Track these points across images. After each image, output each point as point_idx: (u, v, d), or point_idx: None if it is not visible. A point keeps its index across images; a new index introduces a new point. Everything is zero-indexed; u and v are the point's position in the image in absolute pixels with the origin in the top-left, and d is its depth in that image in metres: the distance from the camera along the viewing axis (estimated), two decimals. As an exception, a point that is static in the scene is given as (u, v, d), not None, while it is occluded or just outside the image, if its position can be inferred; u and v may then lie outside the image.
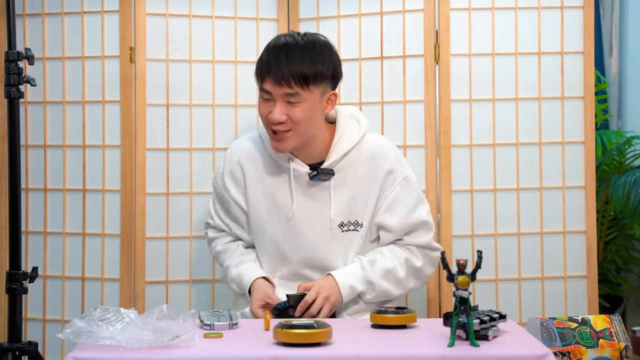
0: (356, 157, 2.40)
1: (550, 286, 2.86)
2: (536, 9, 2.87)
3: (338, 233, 2.39)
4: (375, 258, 2.39)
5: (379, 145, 2.43)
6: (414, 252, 2.42)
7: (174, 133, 2.88)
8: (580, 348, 2.26)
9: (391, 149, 2.44)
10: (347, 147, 2.38)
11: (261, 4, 2.94)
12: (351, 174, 2.39)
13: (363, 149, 2.41)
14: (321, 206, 2.39)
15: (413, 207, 2.41)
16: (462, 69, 2.85)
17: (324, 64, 2.30)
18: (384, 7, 2.89)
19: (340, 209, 2.39)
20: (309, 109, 2.29)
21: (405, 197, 2.40)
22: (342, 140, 2.39)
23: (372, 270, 2.36)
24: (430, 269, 2.47)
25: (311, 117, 2.31)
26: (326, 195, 2.39)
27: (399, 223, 2.39)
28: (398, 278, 2.38)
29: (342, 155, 2.38)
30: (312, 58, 2.28)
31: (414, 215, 2.41)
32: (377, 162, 2.39)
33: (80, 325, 1.79)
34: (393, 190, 2.40)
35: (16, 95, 2.15)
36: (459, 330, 1.83)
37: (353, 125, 2.43)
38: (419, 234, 2.42)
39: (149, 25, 2.85)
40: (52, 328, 2.87)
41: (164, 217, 2.87)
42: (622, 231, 3.84)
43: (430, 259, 2.45)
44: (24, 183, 2.83)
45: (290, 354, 1.77)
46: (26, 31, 2.90)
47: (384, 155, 2.41)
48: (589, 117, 2.87)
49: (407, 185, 2.41)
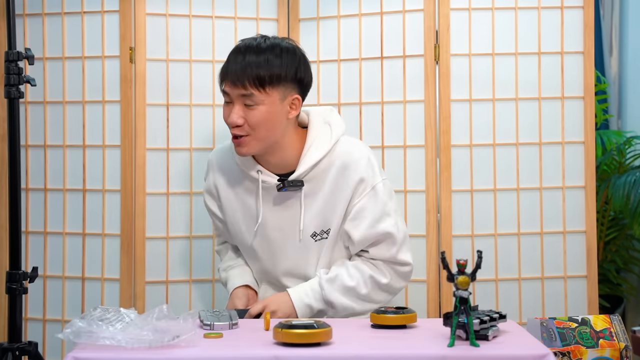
0: (328, 166, 2.34)
1: (550, 286, 2.86)
2: (536, 9, 2.87)
3: (311, 243, 2.37)
4: (337, 274, 2.34)
5: (351, 153, 2.35)
6: (380, 267, 2.36)
7: (174, 133, 2.88)
8: (580, 348, 2.26)
9: (363, 157, 2.35)
10: (317, 157, 2.32)
11: (261, 4, 2.94)
12: (322, 183, 2.34)
13: (334, 157, 2.34)
14: (293, 216, 2.36)
15: (378, 219, 2.33)
16: (462, 69, 2.85)
17: (283, 66, 2.25)
18: (384, 7, 2.89)
19: (312, 219, 2.35)
20: (266, 111, 2.25)
21: (371, 207, 2.33)
22: (312, 149, 2.33)
23: (331, 289, 2.33)
24: (400, 283, 2.39)
25: (270, 120, 2.26)
26: (298, 205, 2.35)
27: (362, 234, 2.33)
28: (360, 295, 2.34)
29: (312, 166, 2.32)
30: (269, 60, 2.25)
31: (379, 227, 2.33)
32: (348, 171, 2.33)
33: (80, 325, 1.79)
34: (360, 200, 2.33)
35: (16, 95, 2.15)
36: (459, 330, 1.83)
37: (325, 131, 2.36)
38: (382, 247, 2.35)
39: (149, 25, 2.85)
40: (52, 328, 2.87)
41: (164, 217, 2.87)
42: (622, 231, 3.84)
43: (399, 273, 2.38)
44: (24, 183, 2.83)
45: (290, 354, 1.77)
46: (26, 31, 2.90)
47: (354, 164, 2.33)
48: (589, 117, 2.87)
49: (374, 196, 2.33)
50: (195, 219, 2.88)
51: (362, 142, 2.49)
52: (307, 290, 2.35)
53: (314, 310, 2.34)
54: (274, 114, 2.26)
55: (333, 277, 2.34)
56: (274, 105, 2.26)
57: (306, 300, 2.33)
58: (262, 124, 2.26)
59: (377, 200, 2.33)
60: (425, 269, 2.81)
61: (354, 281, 2.33)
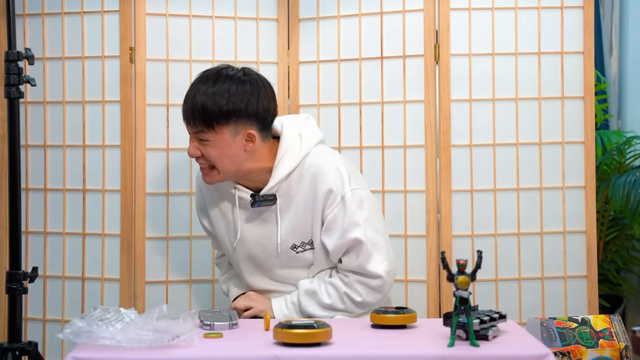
0: (299, 178, 2.34)
1: (550, 286, 2.86)
2: (536, 9, 2.87)
3: (293, 255, 2.38)
4: (315, 290, 2.37)
5: (319, 165, 2.33)
6: (353, 285, 2.35)
7: (174, 133, 2.88)
8: (580, 348, 2.26)
9: (330, 167, 2.33)
10: (286, 171, 2.32)
11: (261, 4, 2.94)
12: (296, 195, 2.34)
13: (305, 169, 2.34)
14: (270, 231, 2.38)
15: (347, 229, 2.31)
16: (462, 69, 2.85)
17: (231, 102, 2.22)
18: (384, 7, 2.89)
19: (290, 232, 2.36)
20: (220, 147, 2.25)
21: (340, 218, 2.32)
22: (282, 163, 2.32)
23: (308, 303, 2.36)
24: (372, 298, 2.36)
25: (224, 155, 2.26)
26: (274, 219, 2.37)
27: (334, 244, 2.33)
28: (337, 309, 2.36)
29: (281, 180, 2.32)
30: (215, 95, 2.22)
31: (348, 236, 2.31)
32: (317, 182, 2.32)
33: (80, 325, 1.79)
34: (332, 211, 2.32)
35: (16, 95, 2.15)
36: (459, 330, 1.83)
37: (295, 144, 2.35)
38: (352, 256, 2.34)
39: (149, 25, 2.85)
40: (52, 328, 2.87)
41: (164, 217, 2.87)
42: (622, 231, 3.84)
43: (370, 288, 2.35)
44: (24, 183, 2.83)
45: (290, 354, 1.77)
46: (26, 31, 2.90)
47: (323, 175, 2.32)
48: (589, 117, 2.87)
49: (343, 207, 2.31)
50: (195, 219, 2.87)
51: (334, 153, 2.44)
52: (287, 303, 2.40)
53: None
54: (227, 150, 2.26)
55: (311, 292, 2.37)
56: (226, 142, 2.25)
57: (286, 312, 2.40)
58: (217, 158, 2.27)
59: (345, 210, 2.31)
60: (425, 269, 2.81)
61: (331, 299, 2.36)
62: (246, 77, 2.28)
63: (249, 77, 2.29)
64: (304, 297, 2.37)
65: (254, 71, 2.33)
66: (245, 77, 2.28)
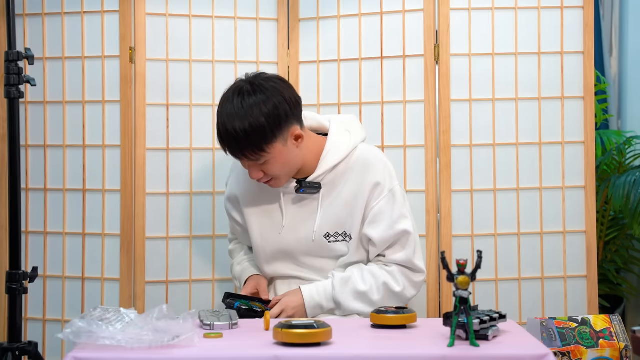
0: (345, 169, 2.39)
1: (550, 286, 2.86)
2: (536, 9, 2.87)
3: (324, 244, 2.39)
4: (351, 276, 2.37)
5: (368, 158, 2.40)
6: (395, 274, 2.37)
7: (174, 133, 2.88)
8: (580, 348, 2.26)
9: (379, 162, 2.41)
10: (335, 161, 2.38)
11: (261, 4, 2.94)
12: (340, 186, 2.39)
13: (353, 161, 2.40)
14: (310, 218, 2.40)
15: (396, 220, 2.36)
16: (462, 69, 2.85)
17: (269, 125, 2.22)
18: (384, 7, 2.89)
19: (328, 221, 2.38)
20: (278, 160, 2.29)
21: (389, 210, 2.37)
22: (330, 154, 2.38)
23: (342, 290, 2.35)
24: (411, 291, 2.40)
25: (286, 164, 2.31)
26: (315, 207, 2.39)
27: (381, 235, 2.36)
28: (371, 300, 2.35)
29: (329, 169, 2.38)
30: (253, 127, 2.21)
31: (397, 227, 2.36)
32: (365, 174, 2.38)
33: (80, 325, 1.79)
34: (378, 203, 2.37)
35: (16, 95, 2.15)
36: (459, 330, 1.83)
37: (343, 138, 2.42)
38: (398, 248, 2.38)
39: (149, 25, 2.85)
40: (52, 328, 2.87)
41: (164, 217, 2.87)
42: (622, 231, 3.84)
43: (412, 282, 2.39)
44: (24, 183, 2.83)
45: (290, 354, 1.77)
46: (26, 31, 2.90)
47: (372, 168, 2.39)
48: (589, 117, 2.87)
49: (392, 198, 2.38)
50: (195, 219, 2.88)
51: (379, 150, 2.53)
52: (319, 289, 2.38)
53: (324, 309, 2.37)
54: (286, 158, 2.30)
55: (346, 279, 2.37)
56: (282, 152, 2.29)
57: (317, 299, 2.36)
58: (280, 169, 2.31)
59: (395, 203, 2.38)
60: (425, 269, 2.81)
61: (366, 286, 2.36)
62: (264, 88, 2.26)
63: (265, 87, 2.27)
64: (338, 284, 2.35)
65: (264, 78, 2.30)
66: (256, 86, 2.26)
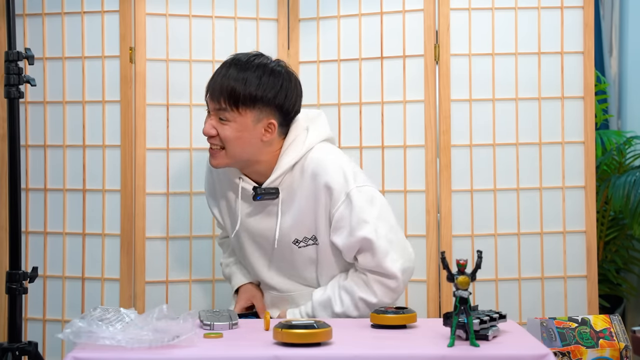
0: (300, 172, 2.30)
1: (550, 286, 2.86)
2: (536, 9, 2.87)
3: (295, 249, 2.34)
4: (329, 298, 2.32)
5: (320, 161, 2.29)
6: (370, 284, 2.29)
7: (174, 133, 2.88)
8: (580, 348, 2.26)
9: (333, 165, 2.29)
10: (289, 163, 2.29)
11: (261, 4, 2.94)
12: (298, 190, 2.31)
13: (307, 163, 2.30)
14: (272, 224, 2.35)
15: (355, 227, 2.25)
16: (462, 69, 2.85)
17: (261, 88, 2.22)
18: (384, 7, 2.89)
19: (292, 226, 2.32)
20: (237, 129, 2.24)
21: (347, 216, 2.26)
22: (285, 155, 2.31)
23: (323, 314, 2.32)
24: (388, 298, 2.29)
25: (240, 139, 2.25)
26: (275, 212, 2.33)
27: (344, 243, 2.28)
28: (351, 317, 2.30)
29: (284, 172, 2.30)
30: (248, 79, 2.22)
31: (357, 234, 2.25)
32: (317, 177, 2.28)
33: (80, 325, 1.79)
34: (338, 209, 2.27)
35: (16, 95, 2.15)
36: (459, 330, 1.83)
37: (300, 138, 2.33)
38: (366, 255, 2.27)
39: (149, 25, 2.85)
40: (52, 328, 2.87)
41: (164, 217, 2.87)
42: (622, 231, 3.84)
43: (387, 288, 2.28)
44: (24, 183, 2.83)
45: (290, 354, 1.77)
46: (26, 31, 2.90)
47: (323, 171, 2.27)
48: (589, 117, 2.87)
49: (349, 204, 2.25)
50: (195, 219, 2.88)
51: (339, 151, 2.40)
52: (302, 313, 2.37)
53: None
54: (245, 134, 2.25)
55: (325, 302, 2.33)
56: (246, 126, 2.25)
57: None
58: (232, 140, 2.25)
59: (352, 209, 2.26)
60: (425, 269, 2.81)
61: (344, 307, 2.30)
62: (280, 68, 2.29)
63: (282, 69, 2.30)
64: (318, 308, 2.33)
65: (286, 65, 2.33)
66: (279, 68, 2.29)
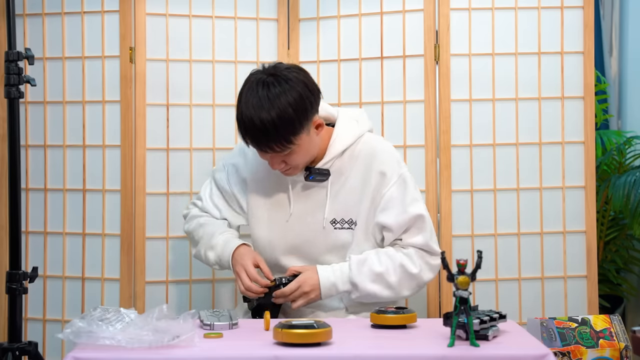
0: (352, 156, 2.39)
1: (550, 286, 2.86)
2: (536, 9, 2.87)
3: (330, 230, 2.38)
4: (367, 258, 2.34)
5: (374, 146, 2.41)
6: (412, 257, 2.35)
7: (174, 133, 2.88)
8: (580, 348, 2.26)
9: (385, 149, 2.42)
10: (342, 147, 2.38)
11: (261, 4, 2.94)
12: (347, 173, 2.39)
13: (359, 148, 2.40)
14: (317, 205, 2.39)
15: (408, 204, 2.36)
16: (462, 69, 2.85)
17: (297, 115, 2.21)
18: (384, 7, 2.89)
19: (335, 207, 2.38)
20: (301, 152, 2.29)
21: (400, 195, 2.37)
22: (337, 141, 2.39)
23: (358, 271, 2.32)
24: (428, 274, 2.37)
25: (307, 152, 2.31)
26: (323, 194, 2.39)
27: (396, 220, 2.35)
28: (388, 282, 2.33)
29: (336, 156, 2.37)
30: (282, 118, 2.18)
31: (410, 211, 2.35)
32: (371, 161, 2.38)
33: (80, 325, 1.79)
34: (389, 189, 2.36)
35: (16, 95, 2.15)
36: (459, 330, 1.83)
37: (351, 126, 2.42)
38: (414, 232, 2.36)
39: (149, 25, 2.85)
40: (52, 328, 2.87)
41: (164, 217, 2.87)
42: (622, 231, 3.84)
43: (428, 265, 2.37)
44: (24, 183, 2.83)
45: (290, 354, 1.77)
46: (26, 31, 2.90)
47: (377, 155, 2.39)
48: (589, 117, 2.87)
49: (403, 183, 2.37)
50: (195, 219, 2.88)
51: (385, 140, 2.52)
52: (335, 270, 2.34)
53: (339, 290, 2.33)
54: (308, 146, 2.30)
55: (363, 260, 2.34)
56: (305, 141, 2.28)
57: (332, 279, 2.33)
58: (302, 158, 2.31)
59: (406, 187, 2.37)
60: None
61: (382, 267, 2.33)
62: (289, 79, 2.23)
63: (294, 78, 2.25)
64: (355, 266, 2.33)
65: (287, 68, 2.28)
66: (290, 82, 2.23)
